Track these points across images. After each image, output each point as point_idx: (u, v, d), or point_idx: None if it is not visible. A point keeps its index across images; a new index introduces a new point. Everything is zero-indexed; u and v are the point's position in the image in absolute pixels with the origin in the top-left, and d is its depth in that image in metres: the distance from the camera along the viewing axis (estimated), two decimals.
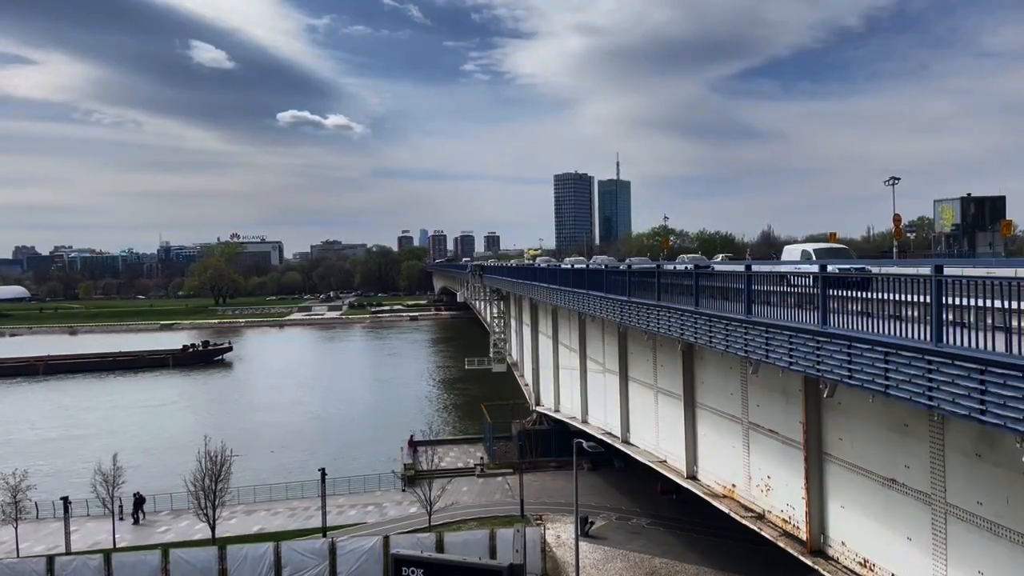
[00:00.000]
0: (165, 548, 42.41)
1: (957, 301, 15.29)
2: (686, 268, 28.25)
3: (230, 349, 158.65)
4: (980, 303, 14.61)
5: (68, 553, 45.00)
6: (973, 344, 14.78)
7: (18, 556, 45.10)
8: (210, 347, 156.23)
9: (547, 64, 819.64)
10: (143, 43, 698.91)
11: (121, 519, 52.13)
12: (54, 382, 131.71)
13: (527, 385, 72.74)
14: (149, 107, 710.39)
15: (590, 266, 47.25)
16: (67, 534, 47.32)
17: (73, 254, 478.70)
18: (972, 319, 14.96)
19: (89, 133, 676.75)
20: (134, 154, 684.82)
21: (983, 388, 14.24)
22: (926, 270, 16.28)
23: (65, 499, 48.30)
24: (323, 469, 50.22)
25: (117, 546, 47.17)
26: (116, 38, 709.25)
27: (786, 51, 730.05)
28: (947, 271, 16.07)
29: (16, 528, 47.37)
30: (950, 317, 15.53)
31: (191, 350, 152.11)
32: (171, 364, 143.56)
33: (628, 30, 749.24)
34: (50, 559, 41.22)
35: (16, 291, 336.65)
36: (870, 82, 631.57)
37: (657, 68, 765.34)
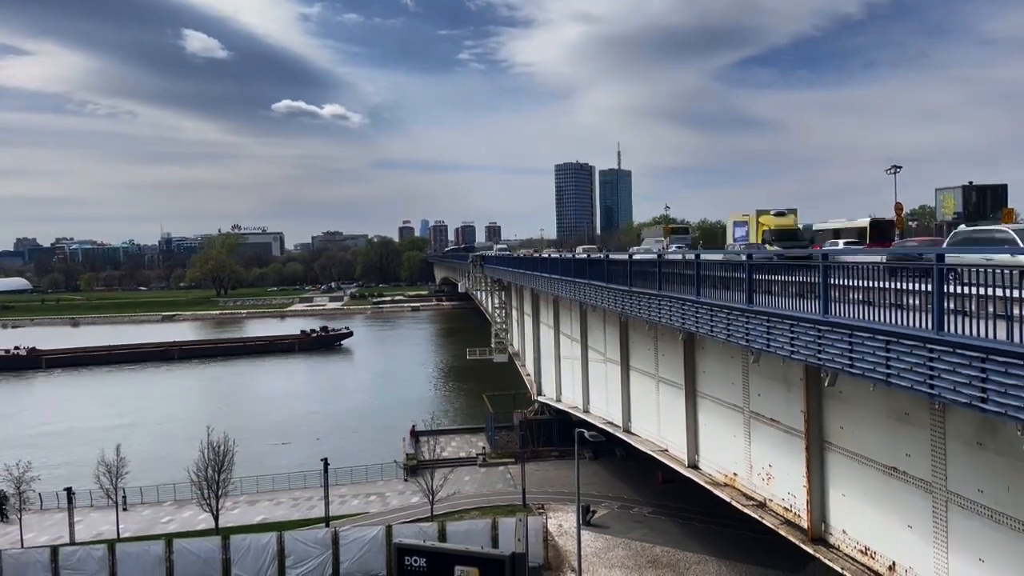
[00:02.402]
0: (169, 538, 42.64)
1: (958, 289, 15.28)
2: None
3: (350, 334, 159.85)
4: (981, 291, 14.59)
5: (72, 543, 45.23)
6: (974, 332, 14.77)
7: (23, 547, 45.29)
8: (331, 332, 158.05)
9: (544, 53, 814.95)
10: (135, 32, 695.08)
11: (125, 509, 52.36)
12: (187, 367, 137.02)
13: (528, 375, 72.82)
14: (143, 97, 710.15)
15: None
16: (71, 524, 47.57)
17: (74, 246, 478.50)
18: (973, 307, 14.94)
19: (84, 124, 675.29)
20: (131, 146, 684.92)
21: (984, 376, 14.22)
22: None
23: (68, 490, 48.60)
24: (326, 459, 50.34)
25: (121, 536, 47.39)
26: (107, 27, 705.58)
27: (786, 39, 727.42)
28: (948, 259, 16.05)
29: (20, 519, 47.61)
30: (951, 305, 15.51)
31: (313, 335, 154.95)
32: (297, 349, 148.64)
33: (625, 18, 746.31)
34: (54, 550, 41.43)
35: (18, 283, 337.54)
36: (869, 70, 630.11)
37: (657, 57, 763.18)
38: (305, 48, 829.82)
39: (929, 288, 15.87)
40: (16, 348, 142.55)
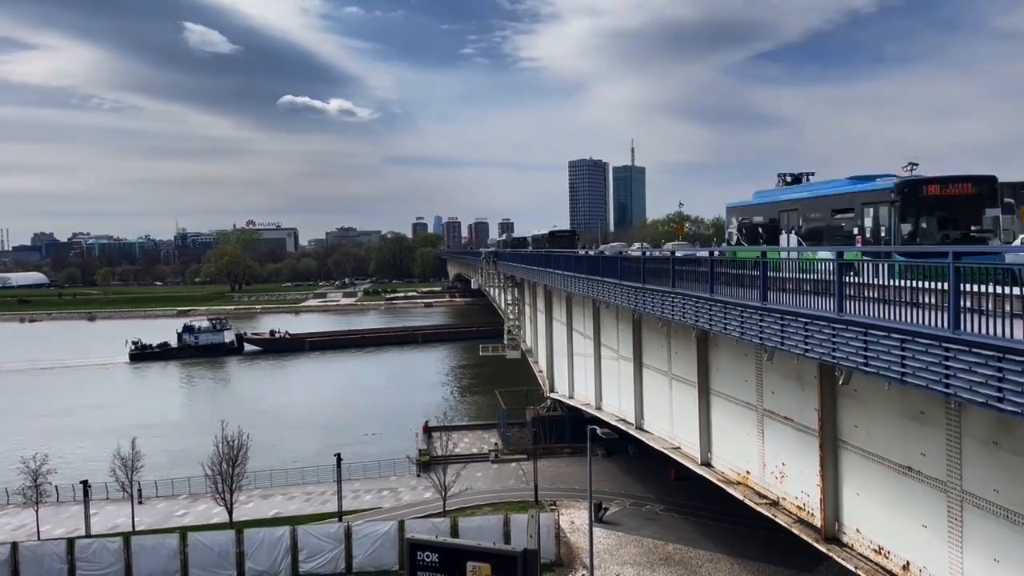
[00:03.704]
0: (183, 531, 42.96)
1: (975, 288, 15.15)
2: None
3: None
4: (998, 290, 14.47)
5: (88, 536, 45.64)
6: (991, 331, 14.64)
7: (39, 539, 45.78)
8: None
9: (550, 48, 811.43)
10: (138, 24, 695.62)
11: (140, 502, 52.80)
12: (424, 349, 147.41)
13: (541, 372, 72.82)
14: (149, 92, 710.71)
15: None
16: (87, 517, 47.99)
17: (91, 241, 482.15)
18: (990, 306, 14.82)
19: (90, 119, 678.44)
20: (139, 140, 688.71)
21: (1001, 376, 14.11)
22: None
23: (84, 483, 49.02)
24: (339, 454, 50.55)
25: (136, 529, 47.81)
26: (110, 20, 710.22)
27: (797, 34, 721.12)
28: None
29: (37, 511, 48.12)
30: (968, 304, 15.38)
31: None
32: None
33: (632, 12, 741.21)
34: (70, 542, 41.87)
35: (35, 277, 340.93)
36: (879, 65, 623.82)
37: (666, 52, 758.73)
38: (308, 42, 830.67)
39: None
40: (274, 332, 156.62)
